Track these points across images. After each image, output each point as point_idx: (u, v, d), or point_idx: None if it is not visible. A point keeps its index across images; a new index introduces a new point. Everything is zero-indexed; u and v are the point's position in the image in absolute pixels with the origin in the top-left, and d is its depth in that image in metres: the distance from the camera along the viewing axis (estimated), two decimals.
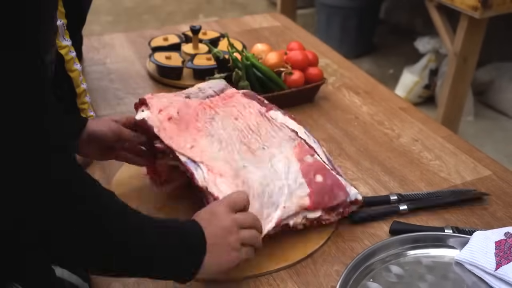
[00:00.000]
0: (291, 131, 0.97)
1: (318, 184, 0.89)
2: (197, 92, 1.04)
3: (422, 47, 3.08)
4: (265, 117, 0.99)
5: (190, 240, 0.72)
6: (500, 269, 0.80)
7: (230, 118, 0.98)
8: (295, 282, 0.84)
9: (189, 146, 0.90)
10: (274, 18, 1.97)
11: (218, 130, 0.95)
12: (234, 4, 4.53)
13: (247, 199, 0.81)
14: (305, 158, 0.91)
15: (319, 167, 0.91)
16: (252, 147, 0.93)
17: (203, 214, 0.77)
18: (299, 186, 0.88)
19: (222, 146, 0.92)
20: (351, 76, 1.52)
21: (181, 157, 0.88)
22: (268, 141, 0.95)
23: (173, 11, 4.37)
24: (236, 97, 1.03)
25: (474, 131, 2.81)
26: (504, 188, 1.06)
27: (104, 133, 0.95)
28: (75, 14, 1.13)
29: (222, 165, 0.87)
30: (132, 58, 1.59)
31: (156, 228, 0.70)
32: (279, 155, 0.91)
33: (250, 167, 0.88)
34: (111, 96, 1.37)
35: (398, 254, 0.87)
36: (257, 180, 0.86)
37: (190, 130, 0.94)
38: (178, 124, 0.94)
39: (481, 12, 2.00)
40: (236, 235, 0.76)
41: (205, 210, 0.78)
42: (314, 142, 0.98)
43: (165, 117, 0.94)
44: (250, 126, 0.97)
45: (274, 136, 0.95)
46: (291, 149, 0.93)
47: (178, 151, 0.89)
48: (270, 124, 0.98)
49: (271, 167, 0.89)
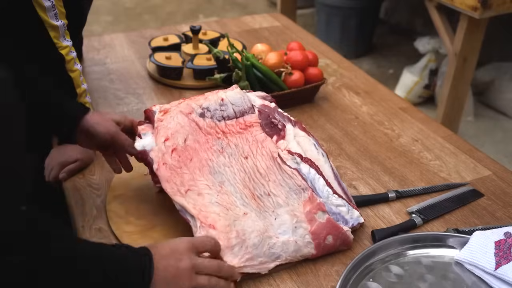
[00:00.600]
0: (302, 179, 0.91)
1: (327, 245, 0.87)
2: (216, 108, 0.98)
3: (422, 47, 3.08)
4: (276, 162, 0.93)
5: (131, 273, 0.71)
6: (499, 269, 0.80)
7: (240, 157, 0.94)
8: (295, 282, 0.84)
9: (185, 190, 0.87)
10: (274, 18, 1.97)
11: (223, 167, 0.91)
12: (234, 4, 4.53)
13: (217, 244, 0.79)
14: (316, 216, 0.87)
15: (331, 227, 0.87)
16: (257, 193, 0.90)
17: (163, 248, 0.75)
18: (307, 244, 0.85)
19: (223, 189, 0.88)
20: (351, 76, 1.52)
21: (175, 204, 0.86)
22: (275, 188, 0.90)
23: (173, 11, 4.37)
24: (254, 129, 0.98)
25: (474, 131, 2.81)
26: (504, 188, 1.06)
27: (101, 133, 0.95)
28: (76, 15, 1.13)
29: (218, 213, 0.84)
30: (132, 58, 1.59)
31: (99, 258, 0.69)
32: (285, 207, 0.88)
33: (252, 214, 0.86)
34: (111, 96, 1.38)
35: (398, 254, 0.87)
36: (257, 230, 0.83)
37: (193, 163, 0.90)
38: (181, 155, 0.91)
39: (481, 12, 2.00)
40: (190, 281, 0.73)
41: (167, 245, 0.76)
42: (323, 156, 0.97)
43: (168, 149, 0.91)
44: (258, 169, 0.92)
45: (283, 185, 0.90)
46: (301, 205, 0.88)
47: (173, 198, 0.86)
48: (281, 171, 0.92)
49: (276, 218, 0.87)
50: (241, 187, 0.90)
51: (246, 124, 0.98)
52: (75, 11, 1.11)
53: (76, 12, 1.13)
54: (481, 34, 2.18)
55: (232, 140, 0.96)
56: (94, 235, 0.93)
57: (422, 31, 3.47)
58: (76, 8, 1.13)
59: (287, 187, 0.90)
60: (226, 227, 0.83)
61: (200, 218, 0.83)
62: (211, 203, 0.85)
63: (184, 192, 0.87)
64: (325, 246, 0.87)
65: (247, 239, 0.82)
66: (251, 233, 0.83)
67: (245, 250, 0.82)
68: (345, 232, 0.88)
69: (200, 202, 0.86)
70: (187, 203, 0.85)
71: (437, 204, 1.00)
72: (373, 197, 1.02)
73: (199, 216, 0.84)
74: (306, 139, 0.98)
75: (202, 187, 0.88)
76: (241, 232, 0.83)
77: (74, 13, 1.10)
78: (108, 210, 0.97)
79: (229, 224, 0.83)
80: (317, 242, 0.86)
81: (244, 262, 0.81)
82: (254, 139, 0.96)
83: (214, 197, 0.87)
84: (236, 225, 0.83)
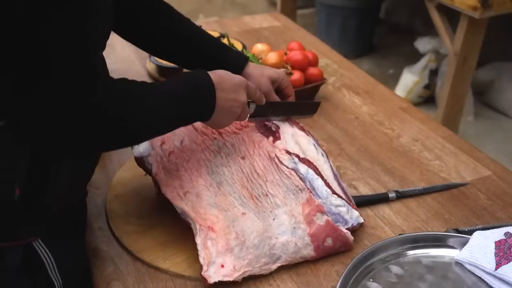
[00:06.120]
0: (300, 179, 0.90)
1: (327, 247, 0.87)
2: None
3: (422, 47, 3.09)
4: (274, 162, 0.92)
5: (200, 82, 0.81)
6: (500, 269, 0.80)
7: (237, 157, 0.94)
8: (295, 282, 0.84)
9: (184, 192, 0.87)
10: (274, 18, 1.97)
11: (221, 167, 0.91)
12: (234, 4, 4.53)
13: (262, 98, 0.92)
14: (315, 218, 0.86)
15: (330, 229, 0.86)
16: (255, 193, 0.89)
17: (225, 83, 0.83)
18: (306, 246, 0.85)
19: (220, 190, 0.88)
20: (351, 76, 1.52)
21: (176, 208, 0.86)
22: (273, 188, 0.90)
23: None
24: (249, 129, 0.98)
25: (474, 131, 2.81)
26: (504, 188, 1.06)
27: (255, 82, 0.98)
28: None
29: (216, 215, 0.84)
30: (132, 58, 1.59)
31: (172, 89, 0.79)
32: (283, 207, 0.88)
33: (250, 214, 0.85)
34: None
35: (398, 254, 0.87)
36: (257, 230, 0.83)
37: (190, 164, 0.91)
38: (179, 157, 0.91)
39: (481, 12, 2.00)
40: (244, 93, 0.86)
41: (229, 80, 0.84)
42: (322, 156, 0.96)
43: (166, 152, 0.92)
44: (256, 169, 0.92)
45: (280, 185, 0.90)
46: (299, 205, 0.88)
47: (173, 202, 0.87)
48: (278, 171, 0.91)
49: (275, 218, 0.86)
50: (239, 187, 0.90)
51: (242, 124, 0.99)
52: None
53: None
54: (481, 34, 2.18)
55: (228, 140, 0.96)
56: (94, 233, 0.93)
57: (422, 31, 3.47)
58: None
59: (284, 187, 0.90)
60: (225, 228, 0.82)
61: (199, 221, 0.83)
62: (209, 205, 0.85)
63: (183, 194, 0.87)
64: (325, 248, 0.86)
65: (247, 240, 0.82)
66: (250, 234, 0.83)
67: (246, 251, 0.82)
68: (344, 234, 0.87)
69: (199, 204, 0.85)
70: (186, 206, 0.85)
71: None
72: (373, 197, 1.01)
73: (198, 218, 0.84)
74: (305, 139, 0.98)
75: (201, 188, 0.88)
76: (240, 233, 0.82)
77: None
78: (108, 209, 0.97)
79: (228, 226, 0.83)
80: (316, 245, 0.85)
81: (246, 264, 0.81)
82: (250, 140, 0.96)
83: (212, 198, 0.87)
84: (235, 226, 0.83)
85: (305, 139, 0.98)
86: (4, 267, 0.76)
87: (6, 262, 0.76)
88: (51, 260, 0.80)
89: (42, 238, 0.79)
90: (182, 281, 0.84)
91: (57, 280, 0.82)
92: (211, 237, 0.82)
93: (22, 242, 0.77)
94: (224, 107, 0.83)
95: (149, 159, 0.92)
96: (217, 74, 0.83)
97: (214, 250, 0.81)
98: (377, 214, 0.98)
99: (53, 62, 0.61)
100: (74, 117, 0.65)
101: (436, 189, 1.05)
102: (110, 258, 0.88)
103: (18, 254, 0.77)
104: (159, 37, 0.99)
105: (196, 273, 0.83)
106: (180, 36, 0.99)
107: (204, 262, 0.80)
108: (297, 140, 0.97)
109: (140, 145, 0.94)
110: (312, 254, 0.86)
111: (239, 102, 0.85)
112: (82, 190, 0.92)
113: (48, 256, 0.80)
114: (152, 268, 0.86)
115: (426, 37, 3.10)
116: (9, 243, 0.76)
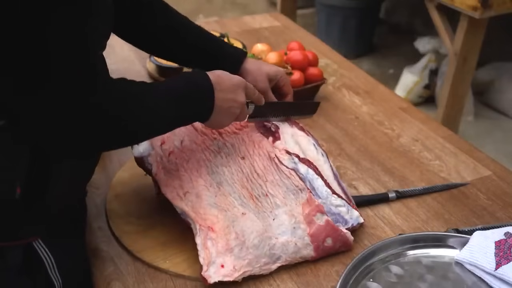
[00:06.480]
0: (300, 179, 0.90)
1: (327, 247, 0.87)
2: None
3: (422, 47, 3.08)
4: (273, 162, 0.92)
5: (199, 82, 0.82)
6: (500, 269, 0.80)
7: (237, 157, 0.94)
8: (295, 282, 0.84)
9: (183, 192, 0.87)
10: (274, 18, 1.97)
11: (221, 167, 0.91)
12: (234, 4, 4.53)
13: (261, 99, 0.92)
14: (315, 218, 0.86)
15: (330, 229, 0.86)
16: (255, 193, 0.89)
17: (223, 83, 0.83)
18: (306, 246, 0.85)
19: (220, 190, 0.88)
20: (351, 76, 1.52)
21: (176, 208, 0.86)
22: (273, 188, 0.89)
23: None
24: (249, 129, 0.98)
25: (474, 131, 2.81)
26: (504, 188, 1.06)
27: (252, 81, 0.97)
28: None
29: (216, 215, 0.84)
30: (132, 58, 1.59)
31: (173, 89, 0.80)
32: (283, 207, 0.88)
33: (250, 214, 0.85)
34: None
35: (398, 254, 0.87)
36: (257, 230, 0.83)
37: (190, 164, 0.91)
38: (178, 157, 0.91)
39: (481, 12, 2.00)
40: (242, 94, 0.86)
41: (228, 80, 0.85)
42: (322, 156, 0.96)
43: (166, 152, 0.92)
44: (256, 169, 0.92)
45: (280, 185, 0.90)
46: (299, 205, 0.88)
47: (173, 202, 0.87)
48: (278, 171, 0.91)
49: (275, 218, 0.86)
50: (239, 187, 0.89)
51: (242, 124, 0.99)
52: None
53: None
54: (481, 34, 2.18)
55: (228, 140, 0.96)
56: (94, 233, 0.93)
57: (422, 31, 3.46)
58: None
59: (284, 187, 0.90)
60: (225, 228, 0.82)
61: (199, 221, 0.83)
62: (209, 205, 0.85)
63: (183, 194, 0.87)
64: (325, 248, 0.86)
65: (247, 240, 0.82)
66: (250, 234, 0.83)
67: (246, 251, 0.82)
68: (344, 234, 0.87)
69: (199, 204, 0.85)
70: (186, 206, 0.85)
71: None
72: (373, 197, 1.01)
73: (198, 219, 0.84)
74: (305, 139, 0.98)
75: (201, 188, 0.88)
76: (240, 233, 0.82)
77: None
78: (108, 209, 0.97)
79: (228, 226, 0.83)
80: (316, 245, 0.85)
81: (246, 264, 0.81)
82: (250, 140, 0.96)
83: (212, 198, 0.87)
84: (235, 226, 0.83)
85: (305, 139, 0.98)
86: (4, 266, 0.77)
87: (6, 261, 0.77)
88: (51, 260, 0.80)
89: (42, 238, 0.79)
90: (182, 281, 0.84)
91: (57, 280, 0.82)
92: (211, 237, 0.82)
93: (23, 242, 0.77)
94: (222, 108, 0.83)
95: (149, 159, 0.92)
96: (215, 74, 0.83)
97: (214, 250, 0.81)
98: (377, 214, 0.98)
99: (53, 62, 0.61)
100: (74, 117, 0.65)
101: (436, 189, 1.05)
102: (110, 258, 0.88)
103: (18, 254, 0.77)
104: (158, 36, 0.99)
105: (196, 273, 0.83)
106: (179, 34, 0.99)
107: (204, 262, 0.80)
108: (297, 140, 0.97)
109: (140, 145, 0.94)
110: (312, 254, 0.86)
111: (238, 102, 0.85)
112: (82, 190, 0.92)
113: (48, 256, 0.80)
114: (152, 268, 0.86)
115: (426, 37, 3.10)
116: (10, 243, 0.76)
